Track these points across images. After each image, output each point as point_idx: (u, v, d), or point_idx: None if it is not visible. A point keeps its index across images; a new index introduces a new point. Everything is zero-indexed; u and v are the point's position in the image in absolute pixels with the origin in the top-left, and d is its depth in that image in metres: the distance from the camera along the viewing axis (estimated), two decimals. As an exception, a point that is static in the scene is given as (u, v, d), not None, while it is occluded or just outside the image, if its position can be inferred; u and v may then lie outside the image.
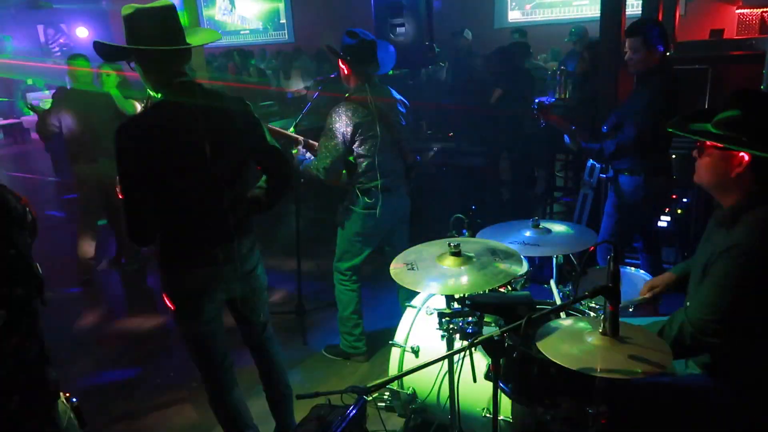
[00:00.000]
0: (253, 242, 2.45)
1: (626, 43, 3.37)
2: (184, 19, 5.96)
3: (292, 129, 3.50)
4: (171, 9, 2.11)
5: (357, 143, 3.18)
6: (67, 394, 1.53)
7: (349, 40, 3.17)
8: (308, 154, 3.41)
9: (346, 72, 3.25)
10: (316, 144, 3.34)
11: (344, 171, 3.30)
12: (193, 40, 2.19)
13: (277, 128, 3.39)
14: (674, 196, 4.10)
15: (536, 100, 3.59)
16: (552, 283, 2.55)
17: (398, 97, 3.40)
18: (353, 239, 3.40)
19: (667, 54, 3.45)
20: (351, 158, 3.24)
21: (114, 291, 5.37)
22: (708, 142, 1.85)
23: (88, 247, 5.07)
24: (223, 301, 2.45)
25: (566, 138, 3.58)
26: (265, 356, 2.67)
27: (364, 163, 3.22)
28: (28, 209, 1.40)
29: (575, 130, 3.48)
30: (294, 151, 3.42)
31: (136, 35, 2.08)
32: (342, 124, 3.13)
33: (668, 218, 4.20)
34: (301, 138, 3.42)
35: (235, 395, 2.56)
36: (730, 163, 1.80)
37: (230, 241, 2.30)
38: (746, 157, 1.77)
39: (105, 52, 2.18)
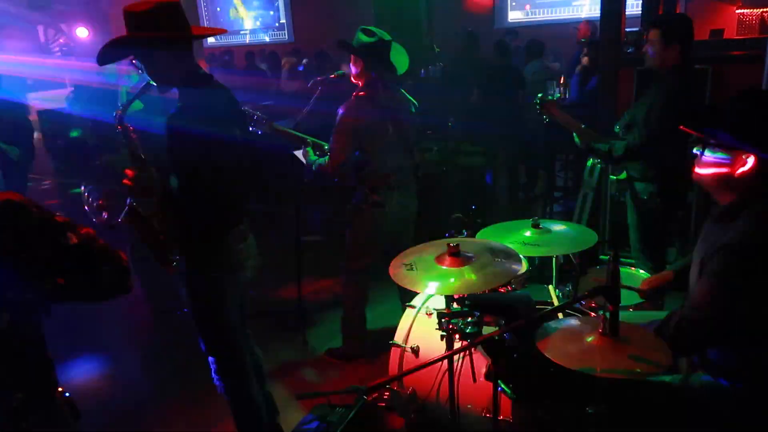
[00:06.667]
0: None
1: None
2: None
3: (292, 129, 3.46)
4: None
5: (367, 140, 3.15)
6: (60, 389, 1.55)
7: (367, 38, 3.11)
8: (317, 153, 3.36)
9: (358, 69, 3.18)
10: (324, 144, 3.31)
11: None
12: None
13: (285, 129, 3.36)
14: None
15: (539, 95, 3.50)
16: (551, 286, 2.55)
17: (408, 97, 3.38)
18: (363, 238, 3.36)
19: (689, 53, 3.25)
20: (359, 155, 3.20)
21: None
22: (713, 141, 1.85)
23: None
24: None
25: (575, 136, 3.41)
26: None
27: (373, 161, 3.20)
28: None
29: (585, 129, 3.35)
30: (300, 152, 3.38)
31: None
32: (352, 120, 3.10)
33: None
34: (309, 139, 3.37)
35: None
36: (736, 162, 1.79)
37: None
38: (753, 158, 1.76)
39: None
